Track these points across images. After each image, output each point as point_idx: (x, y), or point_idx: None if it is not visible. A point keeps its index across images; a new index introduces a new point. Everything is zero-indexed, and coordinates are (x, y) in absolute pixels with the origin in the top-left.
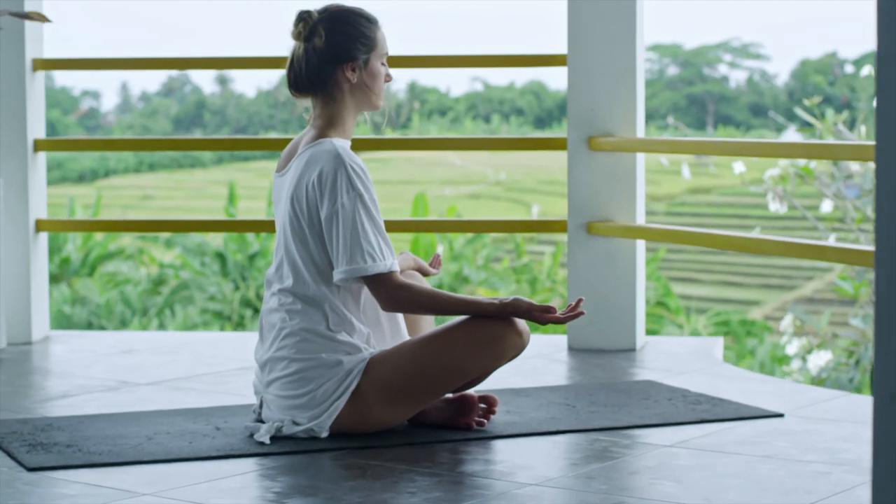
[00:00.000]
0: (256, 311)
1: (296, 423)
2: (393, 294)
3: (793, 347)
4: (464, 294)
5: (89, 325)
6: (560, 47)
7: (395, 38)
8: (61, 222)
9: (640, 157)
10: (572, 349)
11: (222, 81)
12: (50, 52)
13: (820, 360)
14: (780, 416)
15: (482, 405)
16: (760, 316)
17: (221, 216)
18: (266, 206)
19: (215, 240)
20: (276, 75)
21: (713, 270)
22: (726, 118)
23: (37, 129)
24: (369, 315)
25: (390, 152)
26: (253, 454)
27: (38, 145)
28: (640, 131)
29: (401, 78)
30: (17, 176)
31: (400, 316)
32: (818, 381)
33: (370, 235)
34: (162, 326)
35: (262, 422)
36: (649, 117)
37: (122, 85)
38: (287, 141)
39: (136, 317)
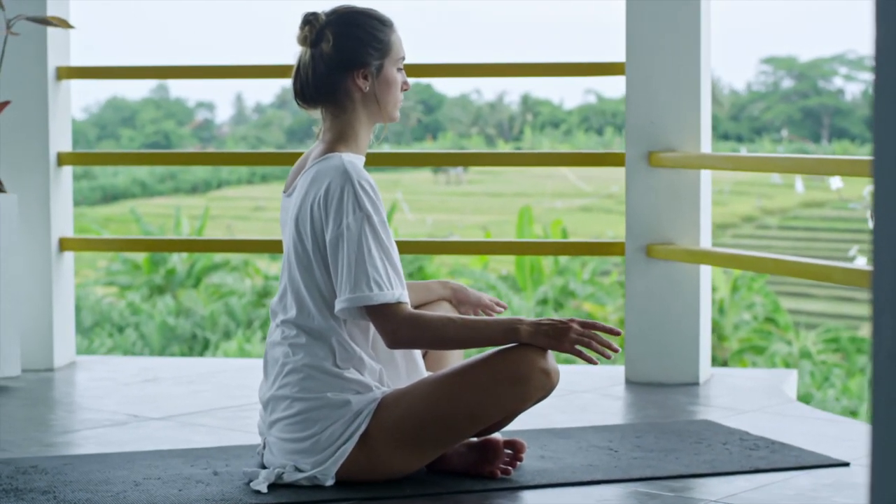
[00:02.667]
0: None
1: (298, 470)
2: (398, 328)
3: None
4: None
5: (193, 337)
6: (618, 54)
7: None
8: (87, 241)
9: (706, 175)
10: (630, 383)
11: None
12: (88, 61)
13: None
14: (846, 465)
15: (508, 451)
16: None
17: None
18: None
19: None
20: None
21: (827, 285)
22: (841, 131)
23: (61, 141)
24: (381, 350)
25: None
26: None
27: (63, 159)
28: (705, 146)
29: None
30: (39, 191)
31: (417, 351)
32: None
33: (377, 261)
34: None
35: (264, 467)
36: (763, 129)
37: (236, 96)
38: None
39: (241, 329)
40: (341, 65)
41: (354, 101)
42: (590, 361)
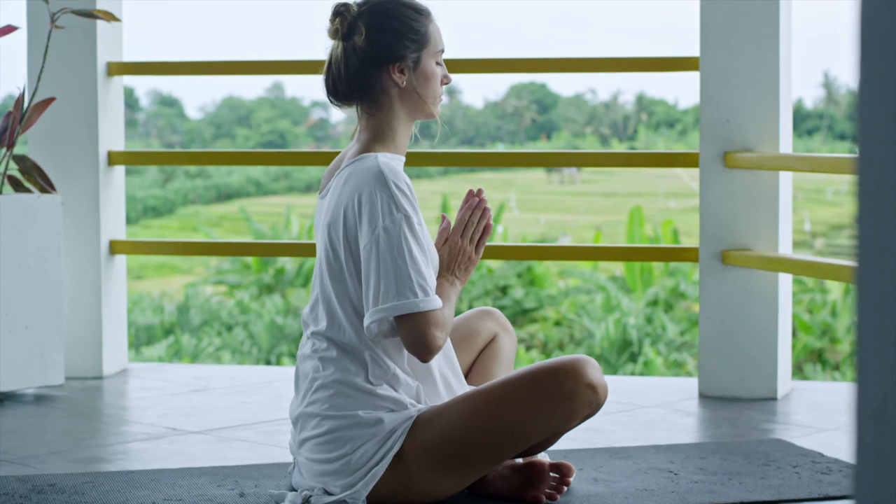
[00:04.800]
0: None
1: (327, 493)
2: (439, 335)
3: None
4: None
5: (301, 336)
6: (692, 49)
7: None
8: (138, 244)
9: (786, 177)
10: (703, 397)
11: (450, 92)
12: (142, 56)
13: None
14: None
15: (554, 474)
16: None
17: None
18: None
19: None
20: (505, 85)
21: None
22: None
23: (112, 140)
24: (418, 365)
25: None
26: None
27: (113, 158)
28: (785, 146)
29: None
30: (88, 192)
31: (457, 364)
32: None
33: (420, 264)
34: None
35: (294, 489)
36: None
37: None
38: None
39: None
40: (376, 59)
41: (391, 97)
42: None
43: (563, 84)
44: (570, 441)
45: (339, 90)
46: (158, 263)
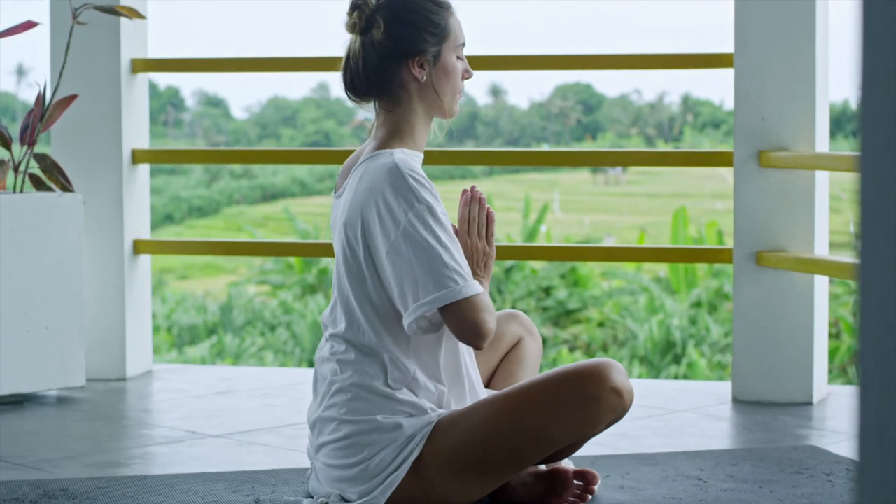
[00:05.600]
0: None
1: (344, 500)
2: (487, 318)
3: None
4: None
5: None
6: (726, 45)
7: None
8: (163, 244)
9: (822, 176)
10: (737, 401)
11: (495, 93)
12: (169, 53)
13: None
14: None
15: (578, 482)
16: None
17: None
18: (521, 219)
19: None
20: (550, 86)
21: None
22: None
23: (136, 138)
24: (447, 366)
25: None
26: None
27: (137, 156)
28: (822, 145)
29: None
30: (111, 191)
31: (475, 366)
32: None
33: (452, 251)
34: None
35: (311, 496)
36: None
37: None
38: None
39: None
40: (394, 53)
41: (410, 92)
42: None
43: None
44: (598, 446)
45: (357, 86)
46: (203, 263)
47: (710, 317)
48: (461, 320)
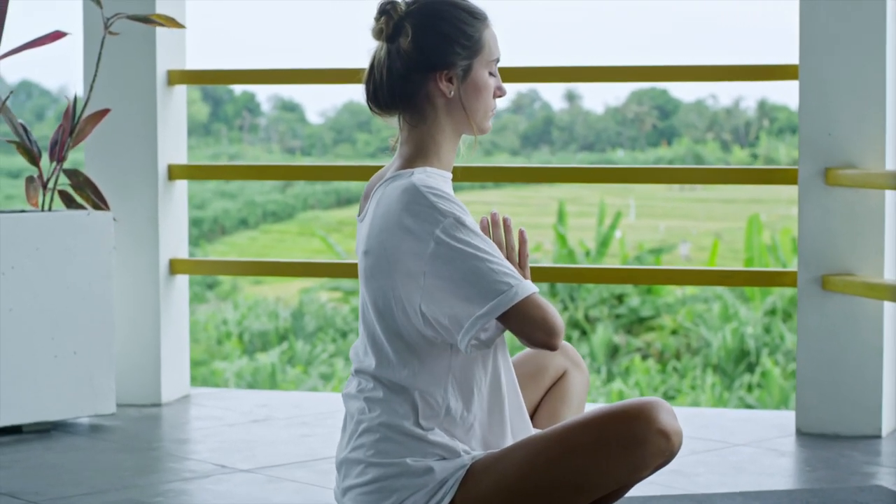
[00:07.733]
0: (584, 333)
1: None
2: (550, 315)
3: None
4: None
5: None
6: (791, 56)
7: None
8: (201, 263)
9: (893, 196)
10: (801, 433)
11: (571, 98)
12: (211, 63)
13: None
14: None
15: None
16: None
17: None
18: (595, 225)
19: (544, 256)
20: (625, 91)
21: None
22: None
23: (173, 152)
24: (487, 398)
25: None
26: None
27: (174, 172)
28: (892, 162)
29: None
30: (146, 208)
31: (519, 397)
32: None
33: (495, 256)
34: None
35: None
36: None
37: None
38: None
39: None
40: (422, 64)
41: (436, 107)
42: None
43: (684, 89)
44: (649, 485)
45: (380, 97)
46: None
47: (785, 325)
48: (525, 321)
